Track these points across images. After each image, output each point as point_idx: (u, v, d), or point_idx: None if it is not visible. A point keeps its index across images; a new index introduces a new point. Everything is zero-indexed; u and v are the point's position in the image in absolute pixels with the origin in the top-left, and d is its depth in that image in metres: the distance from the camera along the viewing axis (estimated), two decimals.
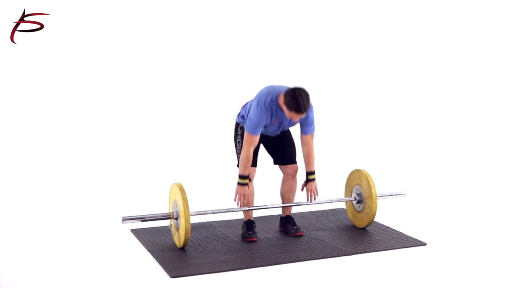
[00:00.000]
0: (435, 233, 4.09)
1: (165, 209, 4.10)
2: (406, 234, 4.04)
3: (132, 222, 3.83)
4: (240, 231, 4.07)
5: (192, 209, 3.76)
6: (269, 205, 4.10)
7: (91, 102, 6.08)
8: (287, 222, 4.11)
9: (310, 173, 3.96)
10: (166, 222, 4.00)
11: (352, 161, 5.39)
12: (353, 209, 4.29)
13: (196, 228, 4.21)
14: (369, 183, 4.08)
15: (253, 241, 3.91)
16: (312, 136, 3.93)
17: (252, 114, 3.70)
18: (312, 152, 3.92)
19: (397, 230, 4.14)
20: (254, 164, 3.90)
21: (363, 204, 4.17)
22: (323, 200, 4.19)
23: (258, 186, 4.04)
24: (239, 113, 3.97)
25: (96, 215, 4.58)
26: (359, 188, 4.19)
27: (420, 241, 3.87)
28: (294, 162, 4.02)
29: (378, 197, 4.13)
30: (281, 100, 3.63)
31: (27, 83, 5.92)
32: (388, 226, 4.24)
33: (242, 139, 3.84)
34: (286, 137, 4.03)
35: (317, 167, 4.03)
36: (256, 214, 4.26)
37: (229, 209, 3.93)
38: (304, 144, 3.91)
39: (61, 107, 5.99)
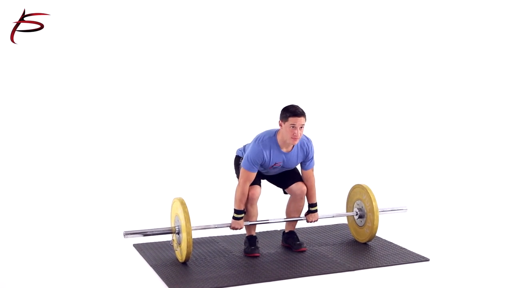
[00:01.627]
0: (438, 248, 4.09)
1: (167, 223, 4.09)
2: (408, 249, 4.04)
3: (134, 237, 3.81)
4: (242, 246, 4.06)
5: (194, 223, 3.75)
6: (271, 219, 4.08)
7: (91, 102, 6.05)
8: (290, 238, 4.10)
9: (312, 205, 4.04)
10: (168, 237, 3.98)
11: (353, 176, 5.43)
12: (355, 224, 4.29)
13: (199, 243, 4.20)
14: (370, 197, 4.08)
15: (256, 257, 3.90)
16: (313, 170, 3.97)
17: (250, 150, 3.75)
18: (314, 185, 3.99)
19: (400, 245, 4.13)
20: (258, 182, 3.88)
21: (364, 219, 4.16)
22: (325, 215, 4.18)
23: (261, 200, 4.01)
24: (240, 148, 4.01)
25: (99, 230, 4.57)
26: (361, 203, 4.19)
27: (423, 257, 3.87)
28: (301, 180, 3.98)
29: (379, 212, 4.14)
30: (279, 136, 3.73)
31: (27, 83, 5.90)
32: (391, 241, 4.24)
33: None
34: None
35: (318, 182, 4.05)
36: (258, 229, 4.25)
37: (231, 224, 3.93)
38: (306, 179, 3.97)
39: (61, 107, 5.97)
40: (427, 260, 3.82)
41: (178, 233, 3.71)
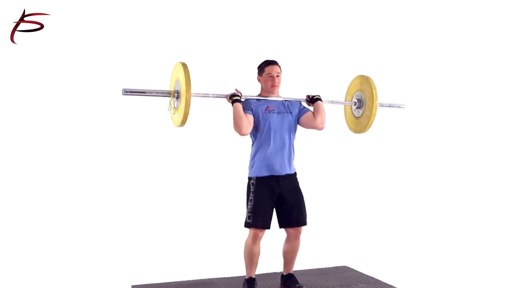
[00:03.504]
0: None
1: None
2: None
3: (133, 95, 3.74)
4: None
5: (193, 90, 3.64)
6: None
7: (91, 102, 6.06)
8: (288, 280, 4.08)
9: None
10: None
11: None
12: (352, 116, 4.27)
13: (197, 285, 4.16)
14: (371, 86, 4.05)
15: None
16: (313, 111, 3.99)
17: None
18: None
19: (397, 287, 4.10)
20: (267, 226, 3.85)
21: (362, 109, 4.14)
22: (323, 101, 4.09)
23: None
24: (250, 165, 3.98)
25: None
26: (360, 94, 4.17)
27: None
28: (299, 225, 3.95)
29: (378, 106, 4.09)
30: (261, 93, 3.97)
31: (27, 83, 5.89)
32: (391, 284, 4.21)
33: (254, 196, 3.84)
34: (298, 198, 3.96)
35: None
36: (257, 271, 4.17)
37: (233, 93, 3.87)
38: (312, 118, 3.96)
39: (61, 107, 5.97)
40: None
41: (177, 98, 3.66)
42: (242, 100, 3.84)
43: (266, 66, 3.94)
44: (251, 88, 4.11)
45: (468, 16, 6.23)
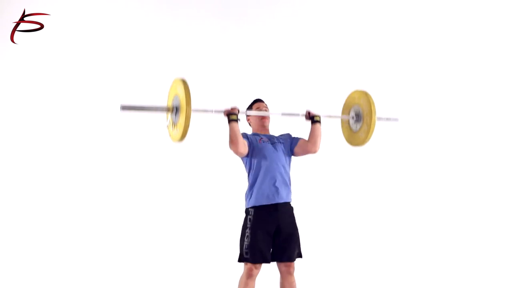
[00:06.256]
0: None
1: None
2: None
3: (131, 111, 3.75)
4: None
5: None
6: None
7: (91, 102, 6.05)
8: None
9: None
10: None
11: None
12: (350, 130, 4.27)
13: None
14: (369, 101, 4.05)
15: None
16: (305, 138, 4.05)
17: None
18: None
19: None
20: (267, 260, 3.81)
21: (360, 123, 4.14)
22: (321, 115, 4.12)
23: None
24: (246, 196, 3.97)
25: None
26: (358, 108, 4.17)
27: None
28: (291, 260, 3.90)
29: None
30: (251, 123, 4.10)
31: (27, 83, 5.90)
32: None
33: (250, 232, 3.80)
34: (293, 232, 3.91)
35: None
36: None
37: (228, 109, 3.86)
38: (305, 143, 4.02)
39: (61, 107, 5.97)
40: None
41: (176, 113, 3.64)
42: (239, 119, 3.85)
43: (254, 104, 4.11)
44: (248, 101, 4.14)
45: (462, 29, 6.20)
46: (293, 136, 4.10)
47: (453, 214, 5.88)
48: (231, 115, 3.81)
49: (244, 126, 4.00)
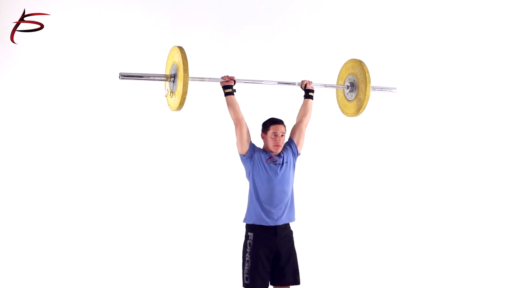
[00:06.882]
0: None
1: None
2: None
3: (130, 79, 3.76)
4: None
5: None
6: None
7: (91, 102, 6.05)
8: None
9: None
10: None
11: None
12: (344, 99, 4.22)
13: None
14: (364, 69, 4.02)
15: None
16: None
17: None
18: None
19: None
20: (266, 285, 3.78)
21: (355, 93, 4.10)
22: (316, 84, 4.06)
23: None
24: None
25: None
26: (352, 77, 4.12)
27: None
28: (289, 284, 3.86)
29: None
30: (264, 140, 3.84)
31: (27, 83, 5.91)
32: None
33: (251, 256, 3.75)
34: (292, 254, 3.88)
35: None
36: None
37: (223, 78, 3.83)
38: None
39: (61, 107, 5.97)
40: None
41: (174, 81, 3.66)
42: (235, 90, 3.77)
43: (271, 125, 3.81)
44: (247, 73, 4.09)
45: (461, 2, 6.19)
46: (288, 141, 3.96)
47: (454, 197, 5.74)
48: (226, 88, 3.75)
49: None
